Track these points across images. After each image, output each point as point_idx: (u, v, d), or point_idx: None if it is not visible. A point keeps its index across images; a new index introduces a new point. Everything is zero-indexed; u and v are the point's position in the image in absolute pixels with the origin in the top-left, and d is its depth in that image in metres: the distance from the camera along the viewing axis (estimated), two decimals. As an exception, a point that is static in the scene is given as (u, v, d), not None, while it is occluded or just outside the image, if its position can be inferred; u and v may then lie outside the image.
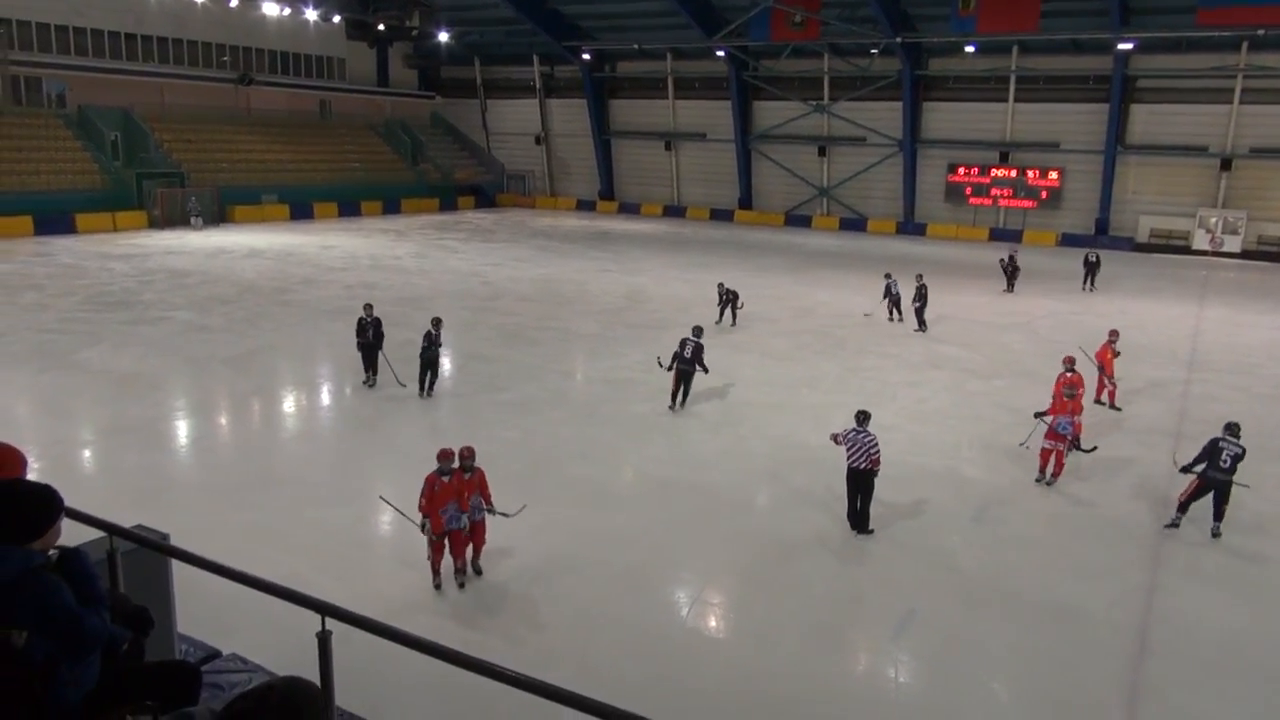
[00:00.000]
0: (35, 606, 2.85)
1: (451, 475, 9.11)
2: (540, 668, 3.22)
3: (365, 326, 16.33)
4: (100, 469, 13.04)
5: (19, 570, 2.85)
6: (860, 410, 11.13)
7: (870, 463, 10.69)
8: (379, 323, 16.37)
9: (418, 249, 36.33)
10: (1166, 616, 9.26)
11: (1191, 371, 17.78)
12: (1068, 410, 12.63)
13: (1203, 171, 41.55)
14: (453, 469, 9.13)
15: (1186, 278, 34.41)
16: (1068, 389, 13.28)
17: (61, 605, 2.90)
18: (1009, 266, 29.46)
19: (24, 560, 2.88)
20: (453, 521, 9.08)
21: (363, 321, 16.40)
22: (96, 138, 41.90)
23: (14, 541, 2.92)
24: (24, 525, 2.98)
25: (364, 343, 16.37)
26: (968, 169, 46.05)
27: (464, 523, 9.16)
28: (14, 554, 2.87)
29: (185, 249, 33.58)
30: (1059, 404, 13.03)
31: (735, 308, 22.85)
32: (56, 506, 3.07)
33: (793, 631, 8.78)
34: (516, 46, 54.98)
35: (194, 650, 4.63)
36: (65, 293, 24.43)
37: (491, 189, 58.08)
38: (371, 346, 16.35)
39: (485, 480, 9.45)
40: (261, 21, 47.78)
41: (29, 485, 3.09)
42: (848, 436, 10.90)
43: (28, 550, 2.93)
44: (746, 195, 52.47)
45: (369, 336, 16.29)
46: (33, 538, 2.99)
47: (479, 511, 9.35)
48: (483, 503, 9.41)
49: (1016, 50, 43.24)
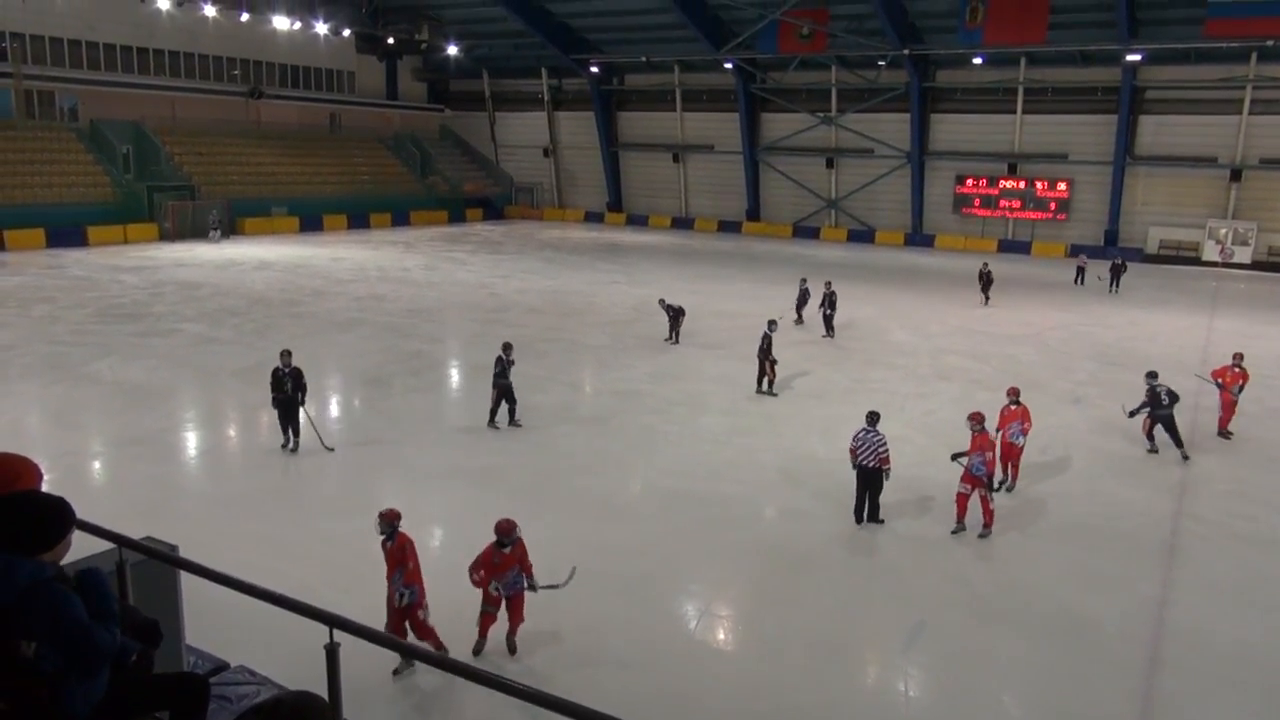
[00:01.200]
0: (46, 618, 2.86)
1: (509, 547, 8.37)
2: (547, 680, 3.22)
3: (282, 379, 13.54)
4: (110, 480, 13.08)
5: (30, 581, 2.86)
6: (870, 411, 11.34)
7: (879, 460, 11.03)
8: (299, 374, 13.68)
9: (426, 261, 36.46)
10: (1178, 629, 9.20)
11: (1203, 383, 17.63)
12: (979, 447, 11.17)
13: (1212, 182, 41.44)
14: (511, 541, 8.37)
15: (1196, 289, 34.30)
16: (1008, 428, 12.53)
17: (73, 617, 2.91)
18: (985, 278, 29.14)
19: (35, 571, 2.90)
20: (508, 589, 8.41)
21: (279, 373, 13.59)
22: (108, 151, 42.22)
23: (25, 553, 2.94)
24: (35, 536, 2.99)
25: (280, 398, 13.59)
26: (976, 180, 46.05)
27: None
28: (25, 565, 2.88)
29: (195, 261, 33.76)
30: (979, 441, 11.26)
31: (677, 326, 21.85)
32: (68, 519, 3.09)
33: (801, 644, 8.74)
34: (525, 60, 55.27)
35: (202, 662, 4.63)
36: (76, 305, 24.58)
37: (500, 201, 58.27)
38: (290, 402, 13.61)
39: (525, 552, 8.54)
40: (272, 36, 48.15)
41: (42, 497, 3.10)
42: (857, 437, 11.19)
43: (39, 562, 2.95)
44: (754, 207, 52.53)
45: (287, 390, 13.55)
46: (43, 549, 3.00)
47: (513, 587, 8.47)
48: (523, 578, 8.51)
49: (1024, 62, 43.26)
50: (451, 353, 21.66)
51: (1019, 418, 12.60)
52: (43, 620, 2.86)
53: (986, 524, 11.13)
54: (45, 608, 2.87)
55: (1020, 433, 12.54)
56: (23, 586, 2.84)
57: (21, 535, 2.98)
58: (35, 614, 2.85)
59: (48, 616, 2.87)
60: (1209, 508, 12.50)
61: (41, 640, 2.84)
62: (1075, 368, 20.42)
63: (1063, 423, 16.04)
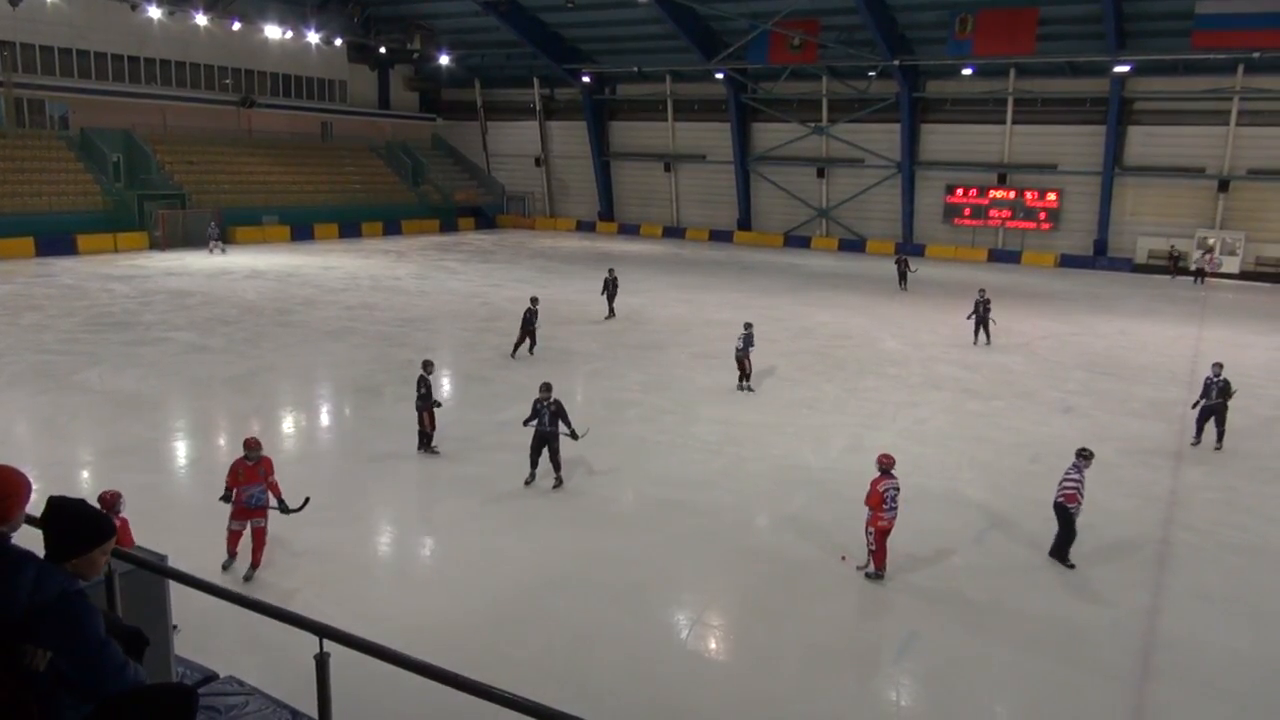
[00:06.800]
0: (68, 630, 2.81)
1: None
2: (539, 690, 3.20)
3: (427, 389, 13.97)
4: (99, 489, 12.96)
5: (59, 591, 2.82)
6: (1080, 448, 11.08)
7: (1061, 496, 10.81)
8: None
9: (418, 270, 36.42)
10: (1170, 638, 9.22)
11: (1192, 392, 17.72)
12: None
13: (1200, 193, 41.72)
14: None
15: (1186, 298, 34.49)
16: None
17: (94, 634, 2.87)
18: (901, 267, 34.15)
19: (66, 582, 2.86)
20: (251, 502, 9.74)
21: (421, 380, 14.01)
22: (98, 159, 42.08)
23: (57, 559, 2.92)
24: (69, 542, 2.98)
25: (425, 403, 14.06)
26: (966, 190, 46.28)
27: None
28: (57, 575, 2.85)
29: (186, 270, 33.65)
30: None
31: None
32: (104, 531, 3.07)
33: (793, 654, 8.73)
34: (517, 69, 55.38)
35: (191, 673, 4.60)
36: (66, 313, 24.46)
37: (492, 210, 58.29)
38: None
39: (272, 470, 9.92)
40: (264, 45, 48.10)
41: (84, 505, 3.09)
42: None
43: (70, 573, 2.92)
44: (746, 216, 52.66)
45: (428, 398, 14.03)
46: (72, 556, 2.98)
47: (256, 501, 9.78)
48: (267, 495, 9.85)
49: (1014, 73, 43.55)
50: (443, 362, 21.59)
51: None
52: (64, 633, 2.80)
53: None
54: (70, 620, 2.82)
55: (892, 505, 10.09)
56: (50, 596, 2.80)
57: (59, 539, 2.97)
58: (58, 625, 2.80)
59: (70, 629, 2.82)
60: (1199, 517, 12.54)
61: (58, 652, 2.79)
62: (1065, 377, 20.50)
63: (1053, 432, 16.09)
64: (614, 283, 26.63)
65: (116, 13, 42.23)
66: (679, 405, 17.27)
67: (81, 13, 42.15)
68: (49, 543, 2.98)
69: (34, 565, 2.85)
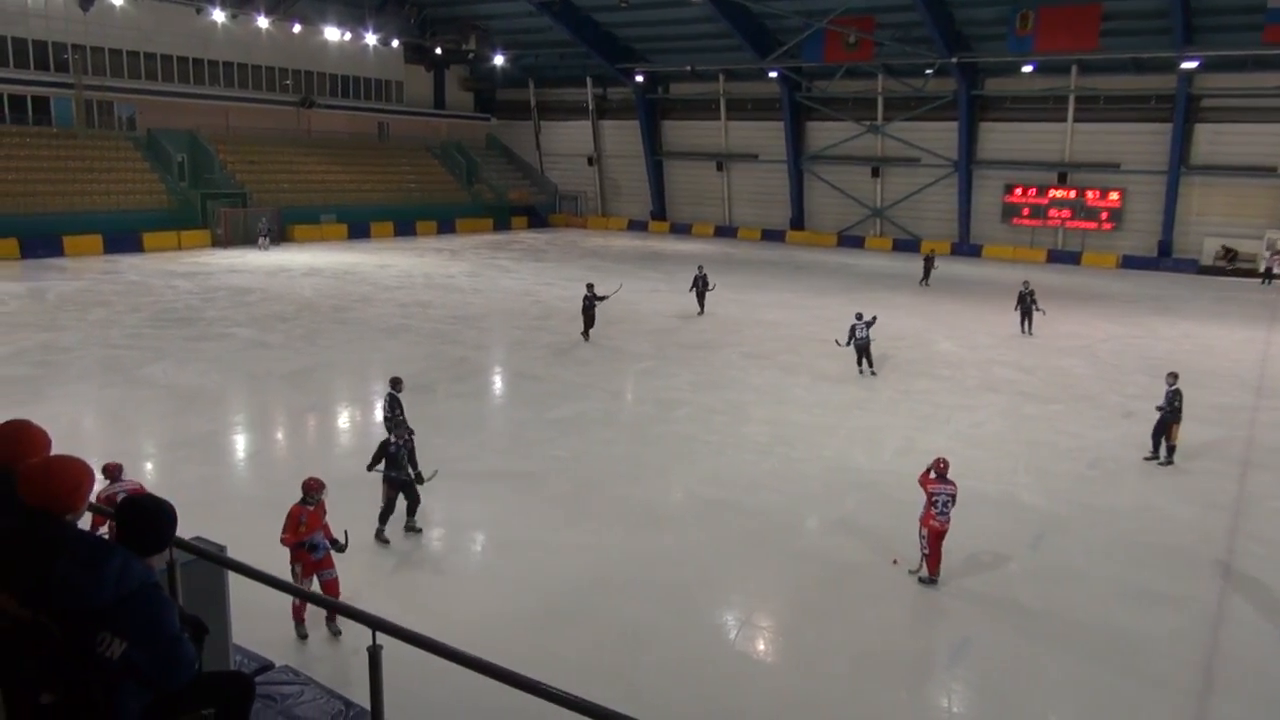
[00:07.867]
0: (145, 622, 2.88)
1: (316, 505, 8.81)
2: (588, 687, 3.22)
3: None
4: (161, 481, 13.32)
5: (139, 582, 2.90)
6: None
7: None
8: None
9: (471, 268, 36.79)
10: (1233, 651, 8.95)
11: (1260, 398, 17.21)
12: None
13: (1270, 192, 40.41)
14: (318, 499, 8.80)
15: (1254, 300, 33.44)
16: None
17: (170, 627, 2.95)
18: (928, 264, 35.25)
19: (145, 574, 2.94)
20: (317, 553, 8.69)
21: None
22: (164, 159, 43.25)
23: (141, 553, 3.00)
24: (153, 538, 3.07)
25: None
26: (1025, 190, 45.40)
27: None
28: (138, 566, 2.92)
29: (247, 267, 34.42)
30: None
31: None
32: (174, 526, 3.18)
33: (842, 658, 8.65)
34: (570, 69, 55.63)
35: (248, 661, 4.71)
36: (132, 309, 25.16)
37: (544, 209, 58.65)
38: None
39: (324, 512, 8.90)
40: (323, 46, 48.99)
41: (162, 501, 3.17)
42: None
43: (148, 565, 3.01)
44: (798, 216, 52.28)
45: None
46: (156, 551, 3.09)
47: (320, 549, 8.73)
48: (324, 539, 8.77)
49: (1076, 69, 42.58)
50: (495, 359, 21.82)
51: None
52: (142, 624, 2.87)
53: None
54: (149, 611, 2.89)
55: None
56: (133, 586, 2.87)
57: (145, 535, 3.05)
58: (139, 616, 2.87)
59: (150, 621, 2.89)
60: (1266, 525, 12.16)
61: (134, 643, 2.85)
62: (1126, 381, 20.00)
63: (1114, 436, 15.73)
64: (704, 279, 27.07)
65: (181, 16, 43.33)
66: (729, 405, 17.21)
67: (148, 16, 43.28)
68: (130, 536, 3.03)
69: (121, 554, 2.92)
